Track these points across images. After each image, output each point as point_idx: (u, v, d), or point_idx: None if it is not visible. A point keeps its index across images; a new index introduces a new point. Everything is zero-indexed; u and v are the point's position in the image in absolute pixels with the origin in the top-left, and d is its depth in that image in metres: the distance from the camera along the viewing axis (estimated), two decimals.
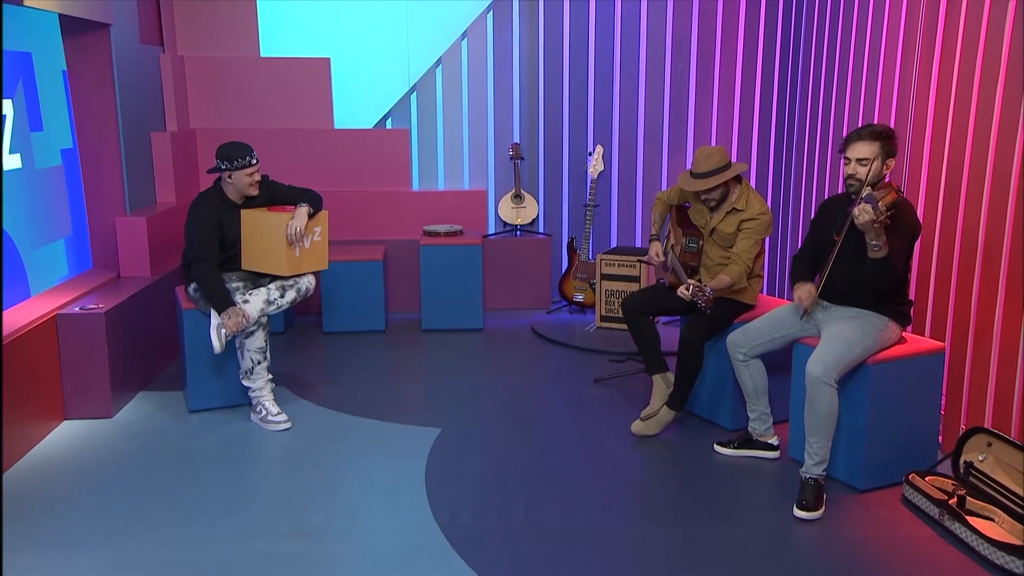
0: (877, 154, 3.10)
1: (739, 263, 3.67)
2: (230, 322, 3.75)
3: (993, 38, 3.34)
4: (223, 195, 3.94)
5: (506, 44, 6.05)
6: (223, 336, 3.79)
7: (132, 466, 3.52)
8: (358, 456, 3.63)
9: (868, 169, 3.10)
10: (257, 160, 3.91)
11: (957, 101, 3.55)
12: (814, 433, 3.14)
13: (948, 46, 3.62)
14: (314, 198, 4.00)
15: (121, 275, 4.66)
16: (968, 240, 3.48)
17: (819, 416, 3.11)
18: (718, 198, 3.71)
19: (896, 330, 3.26)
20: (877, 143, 3.11)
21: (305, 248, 3.97)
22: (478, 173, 6.25)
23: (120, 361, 4.11)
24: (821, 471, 3.15)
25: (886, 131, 3.13)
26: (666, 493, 3.31)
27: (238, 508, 3.16)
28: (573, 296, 5.81)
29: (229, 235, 3.93)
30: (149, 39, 5.32)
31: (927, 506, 3.07)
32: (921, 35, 3.82)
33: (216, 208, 3.89)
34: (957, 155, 3.55)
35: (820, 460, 3.14)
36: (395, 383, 4.55)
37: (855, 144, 3.15)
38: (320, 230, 4.02)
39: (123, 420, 4.01)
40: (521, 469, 3.50)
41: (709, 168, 3.63)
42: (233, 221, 3.94)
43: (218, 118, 5.84)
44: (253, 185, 3.92)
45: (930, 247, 3.74)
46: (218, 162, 3.86)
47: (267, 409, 3.92)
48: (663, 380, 3.85)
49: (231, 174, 3.87)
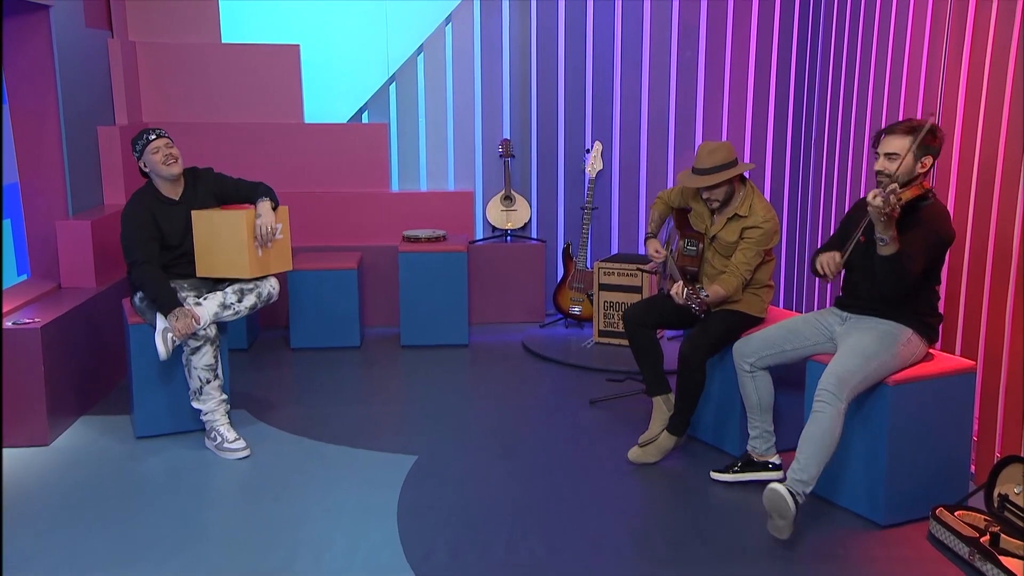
0: (909, 149, 3.10)
1: (736, 275, 3.68)
2: (178, 324, 3.74)
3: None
4: (155, 192, 3.98)
5: (495, 30, 6.06)
6: (170, 341, 3.77)
7: (70, 499, 3.49)
8: (324, 487, 3.61)
9: (897, 165, 3.10)
10: (161, 134, 3.95)
11: (989, 98, 3.55)
12: (806, 445, 3.06)
13: (979, 37, 3.63)
14: (270, 192, 4.06)
15: (62, 285, 4.64)
16: (1002, 249, 3.48)
17: (816, 430, 3.05)
18: (722, 199, 3.71)
19: (920, 344, 3.26)
20: (910, 138, 3.13)
21: (268, 248, 3.98)
22: (464, 172, 6.25)
23: (58, 382, 4.09)
24: (803, 490, 3.04)
25: (923, 125, 3.11)
26: (664, 529, 3.29)
27: (188, 546, 3.14)
28: (569, 308, 5.81)
29: (170, 235, 3.93)
30: (95, 22, 5.32)
31: (956, 544, 3.05)
32: (950, 23, 3.83)
33: (148, 207, 3.92)
34: (989, 157, 3.56)
35: (806, 480, 3.04)
36: (369, 405, 4.53)
37: (887, 138, 3.21)
38: (281, 227, 4.04)
39: (61, 448, 3.99)
40: (505, 501, 3.48)
41: (713, 164, 3.64)
42: (173, 218, 3.95)
43: (174, 111, 5.84)
44: (169, 162, 3.93)
45: (960, 256, 3.74)
46: (134, 155, 3.98)
47: (222, 435, 3.90)
48: (664, 402, 3.84)
49: (143, 161, 3.94)
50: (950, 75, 3.82)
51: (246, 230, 3.92)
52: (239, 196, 4.13)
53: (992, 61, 3.53)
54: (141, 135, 3.94)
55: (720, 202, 3.72)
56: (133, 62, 5.67)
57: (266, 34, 6.04)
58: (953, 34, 3.80)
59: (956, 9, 3.78)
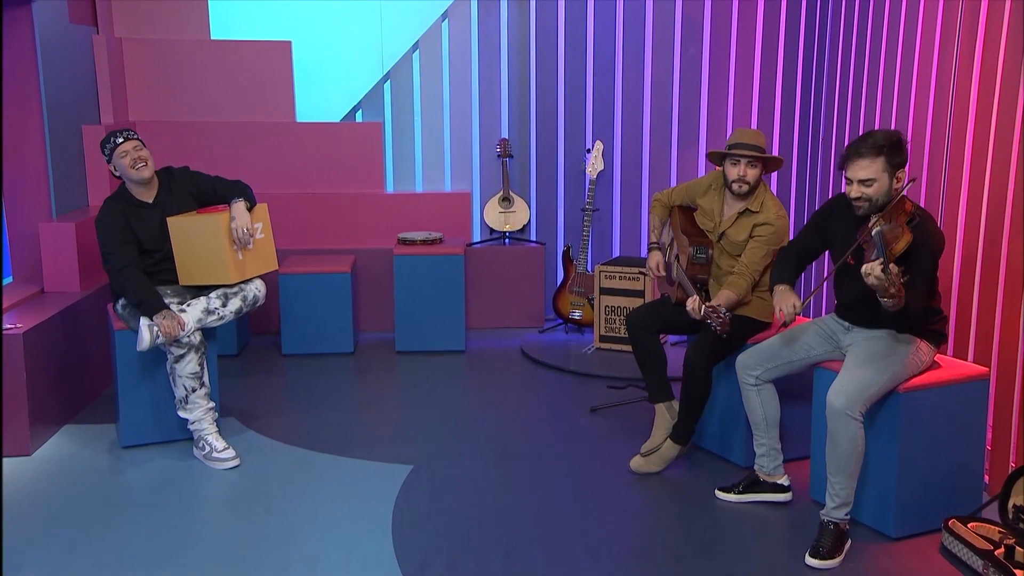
0: (883, 170, 3.08)
1: (745, 275, 3.68)
2: (165, 322, 3.73)
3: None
4: (128, 195, 3.97)
5: (493, 25, 6.06)
6: (155, 333, 3.76)
7: (53, 511, 3.48)
8: (316, 497, 3.59)
9: (875, 191, 3.09)
10: (129, 136, 3.92)
11: (1002, 95, 3.55)
12: (835, 472, 3.12)
13: (992, 29, 3.63)
14: (246, 191, 4.06)
15: (45, 289, 4.63)
16: (1014, 252, 3.47)
17: (841, 453, 3.09)
18: (752, 183, 3.71)
19: (928, 351, 3.25)
20: (881, 158, 3.07)
21: (248, 249, 3.97)
22: (461, 173, 6.24)
23: (41, 390, 4.08)
24: (844, 515, 3.13)
25: (889, 139, 3.08)
26: (667, 541, 3.28)
27: (175, 560, 3.12)
28: (569, 313, 5.80)
29: (146, 239, 3.93)
30: (80, 18, 5.32)
31: (969, 557, 3.04)
32: (962, 18, 3.82)
33: (122, 210, 3.91)
34: (1002, 160, 3.55)
35: (842, 503, 3.12)
36: (363, 413, 4.52)
37: (855, 163, 3.11)
38: (261, 226, 4.04)
39: (44, 458, 3.97)
40: (503, 512, 3.47)
41: (756, 143, 3.70)
42: (148, 222, 3.94)
43: (161, 109, 5.83)
44: (137, 166, 3.90)
45: (973, 262, 3.74)
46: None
47: (210, 444, 3.89)
48: (667, 410, 3.83)
49: (113, 165, 3.92)
50: (962, 71, 3.81)
51: (223, 234, 3.90)
52: (217, 196, 4.11)
53: (1007, 53, 3.52)
54: (108, 138, 3.91)
55: (750, 185, 3.72)
56: (119, 59, 5.67)
57: (257, 30, 6.03)
58: (965, 29, 3.80)
59: (968, 5, 3.78)
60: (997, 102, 3.58)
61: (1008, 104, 3.51)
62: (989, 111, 3.64)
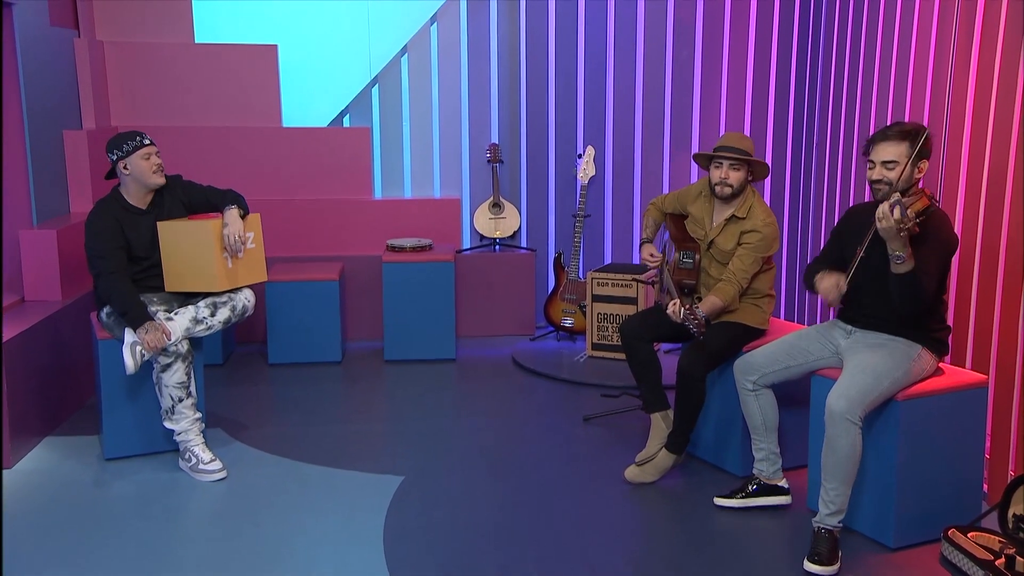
0: (907, 155, 3.12)
1: (733, 282, 3.70)
2: (148, 337, 3.71)
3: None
4: (122, 200, 3.95)
5: (482, 29, 6.07)
6: (139, 354, 3.74)
7: (32, 525, 3.45)
8: (305, 510, 3.58)
9: (897, 174, 3.12)
10: (152, 141, 3.92)
11: (999, 101, 3.58)
12: (831, 478, 3.13)
13: (988, 34, 3.66)
14: (239, 199, 4.05)
15: (25, 298, 4.61)
16: (1013, 257, 3.50)
17: (839, 459, 3.10)
18: (735, 186, 3.74)
19: (931, 360, 3.27)
20: (906, 143, 3.14)
21: (239, 258, 3.96)
22: (450, 179, 6.25)
23: (22, 400, 4.05)
24: (837, 522, 3.14)
25: (917, 129, 3.16)
26: (664, 552, 3.29)
27: (161, 574, 3.10)
28: (561, 321, 5.81)
29: (137, 245, 3.91)
30: (61, 20, 5.30)
31: (969, 567, 3.05)
32: (958, 20, 3.85)
33: (115, 215, 3.90)
34: (1000, 162, 3.58)
35: (837, 510, 3.13)
36: (351, 423, 4.51)
37: (880, 145, 3.19)
38: (253, 236, 4.03)
39: (24, 471, 3.95)
40: (496, 524, 3.47)
41: (742, 147, 3.73)
42: (140, 228, 3.93)
43: (144, 114, 5.82)
44: (157, 171, 3.91)
45: (970, 265, 3.76)
46: (109, 156, 3.90)
47: (197, 456, 3.87)
48: (663, 419, 3.84)
49: (126, 164, 3.88)
50: (958, 75, 3.84)
51: (214, 241, 3.89)
52: (209, 205, 4.10)
53: (1002, 60, 3.55)
54: (133, 136, 3.88)
55: (733, 188, 3.74)
56: (101, 63, 5.66)
57: (242, 34, 6.03)
58: (961, 32, 3.83)
59: (964, 6, 3.81)
60: (993, 110, 3.61)
61: (1005, 112, 3.54)
62: (985, 119, 3.67)
